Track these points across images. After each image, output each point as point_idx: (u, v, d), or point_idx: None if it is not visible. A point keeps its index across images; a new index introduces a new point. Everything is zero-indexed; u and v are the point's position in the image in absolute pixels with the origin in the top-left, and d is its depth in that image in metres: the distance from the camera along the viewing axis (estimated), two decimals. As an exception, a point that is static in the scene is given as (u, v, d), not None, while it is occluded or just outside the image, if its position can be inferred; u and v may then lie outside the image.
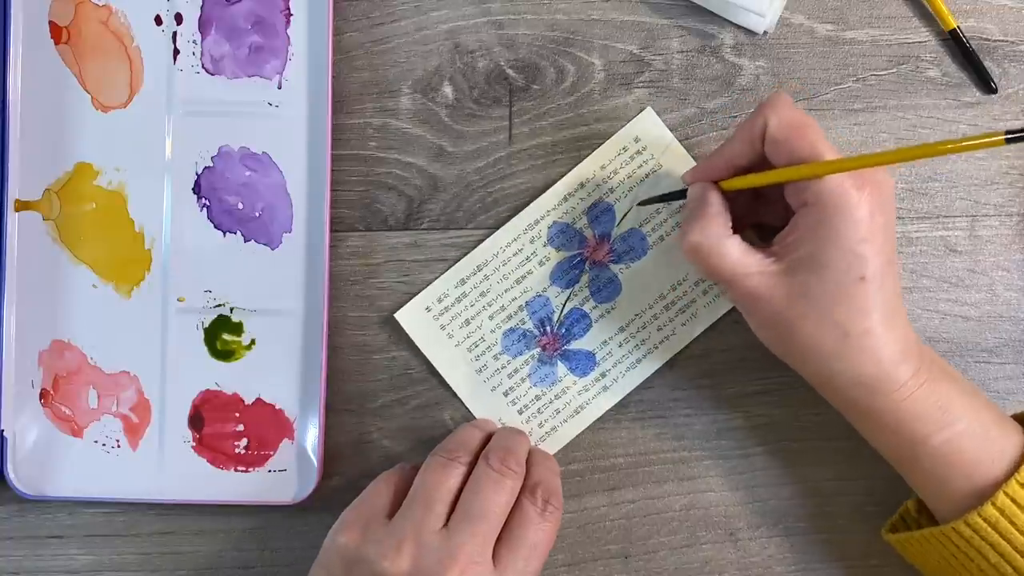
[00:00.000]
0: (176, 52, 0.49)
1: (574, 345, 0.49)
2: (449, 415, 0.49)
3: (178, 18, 0.49)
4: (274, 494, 0.48)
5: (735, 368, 0.49)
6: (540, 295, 0.49)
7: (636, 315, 0.49)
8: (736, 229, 0.44)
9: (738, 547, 0.49)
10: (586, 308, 0.49)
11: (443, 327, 0.49)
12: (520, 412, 0.49)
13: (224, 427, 0.49)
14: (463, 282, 0.49)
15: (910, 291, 0.49)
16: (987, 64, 0.49)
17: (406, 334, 0.49)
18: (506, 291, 0.49)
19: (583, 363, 0.49)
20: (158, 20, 0.49)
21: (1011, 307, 0.49)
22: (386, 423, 0.49)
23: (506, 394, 0.49)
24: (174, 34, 0.49)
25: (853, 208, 0.39)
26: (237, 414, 0.49)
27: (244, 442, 0.49)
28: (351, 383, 0.49)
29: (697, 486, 0.49)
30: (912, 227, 0.49)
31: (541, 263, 0.49)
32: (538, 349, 0.49)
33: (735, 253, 0.41)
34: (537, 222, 0.49)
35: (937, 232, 0.49)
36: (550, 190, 0.49)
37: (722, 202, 0.42)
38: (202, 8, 0.49)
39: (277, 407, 0.49)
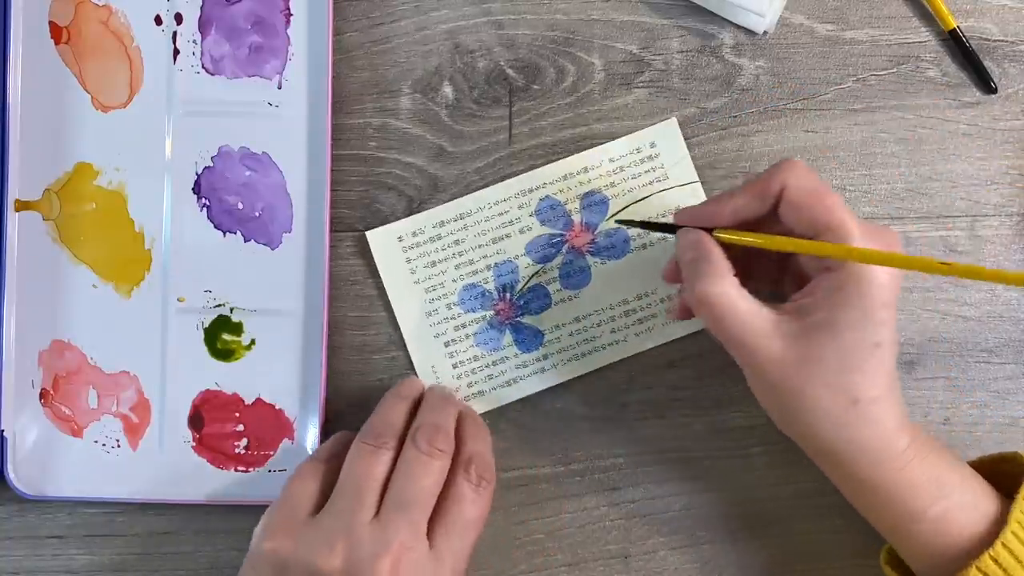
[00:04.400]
0: (176, 52, 0.49)
1: (527, 320, 0.49)
2: (449, 415, 0.49)
3: (178, 18, 0.49)
4: (274, 494, 0.48)
5: (735, 368, 0.49)
6: (511, 261, 0.49)
7: (595, 311, 0.49)
8: None
9: (738, 547, 0.49)
10: (550, 288, 0.49)
11: (409, 260, 0.49)
12: (455, 366, 0.49)
13: (224, 427, 0.49)
14: (441, 224, 0.49)
15: (910, 291, 0.49)
16: (987, 64, 0.49)
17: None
18: (480, 247, 0.49)
19: (529, 340, 0.49)
20: (158, 20, 0.49)
21: (1011, 307, 0.49)
22: (386, 423, 0.49)
23: (447, 344, 0.49)
24: (174, 34, 0.49)
25: (876, 273, 0.38)
26: (237, 414, 0.49)
27: (244, 442, 0.49)
28: (351, 383, 0.49)
29: (697, 486, 0.49)
30: (912, 227, 0.49)
31: (522, 231, 0.49)
32: (491, 312, 0.49)
33: (750, 306, 0.40)
34: (531, 191, 0.49)
35: (937, 232, 0.49)
36: (553, 164, 0.49)
37: (721, 250, 0.41)
38: (202, 8, 0.49)
39: (277, 407, 0.49)
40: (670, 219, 0.48)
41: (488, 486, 0.43)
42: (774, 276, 0.44)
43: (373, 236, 0.49)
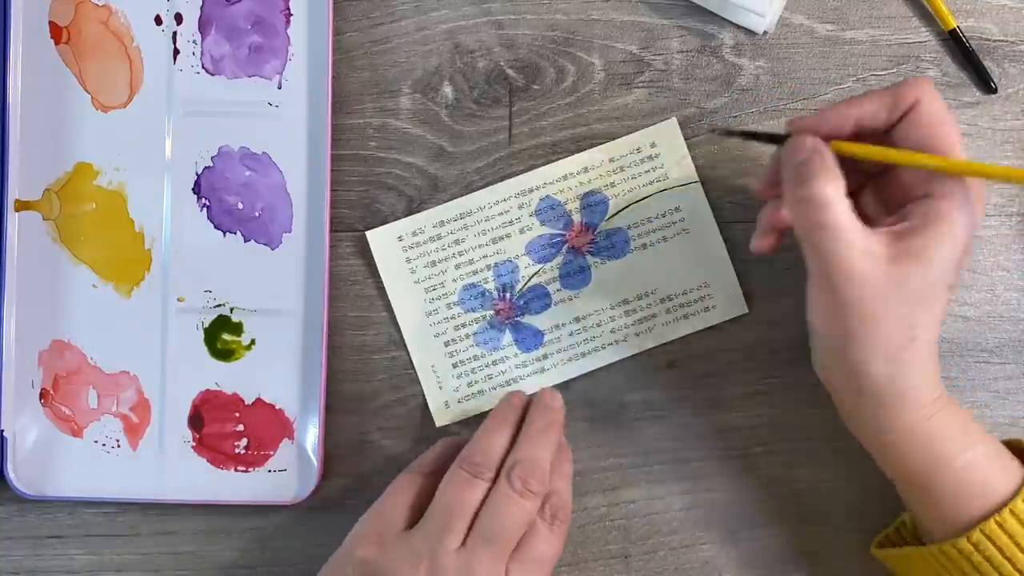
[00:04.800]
0: (176, 52, 0.49)
1: (527, 320, 0.49)
2: (449, 415, 0.49)
3: (178, 18, 0.49)
4: (274, 494, 0.48)
5: (735, 368, 0.49)
6: (511, 261, 0.49)
7: (595, 311, 0.49)
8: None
9: (738, 547, 0.49)
10: (550, 289, 0.49)
11: (408, 260, 0.49)
12: (455, 366, 0.49)
13: (224, 427, 0.49)
14: (442, 224, 0.49)
15: (910, 291, 0.49)
16: (987, 64, 0.49)
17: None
18: (480, 246, 0.49)
19: (529, 340, 0.49)
20: (158, 20, 0.49)
21: (1011, 307, 0.49)
22: (386, 423, 0.49)
23: (447, 344, 0.49)
24: (174, 34, 0.49)
25: (971, 213, 0.39)
26: (237, 414, 0.49)
27: (244, 442, 0.49)
28: (351, 383, 0.49)
29: (697, 486, 0.49)
30: (912, 227, 0.49)
31: (522, 231, 0.49)
32: (491, 312, 0.49)
33: (850, 222, 0.39)
34: (531, 190, 0.49)
35: (937, 232, 0.49)
36: (553, 164, 0.49)
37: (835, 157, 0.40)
38: (202, 8, 0.49)
39: (277, 407, 0.49)
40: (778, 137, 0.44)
41: (561, 525, 0.43)
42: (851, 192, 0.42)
43: (373, 236, 0.49)
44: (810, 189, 0.39)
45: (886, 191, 0.42)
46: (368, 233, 0.49)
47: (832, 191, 0.39)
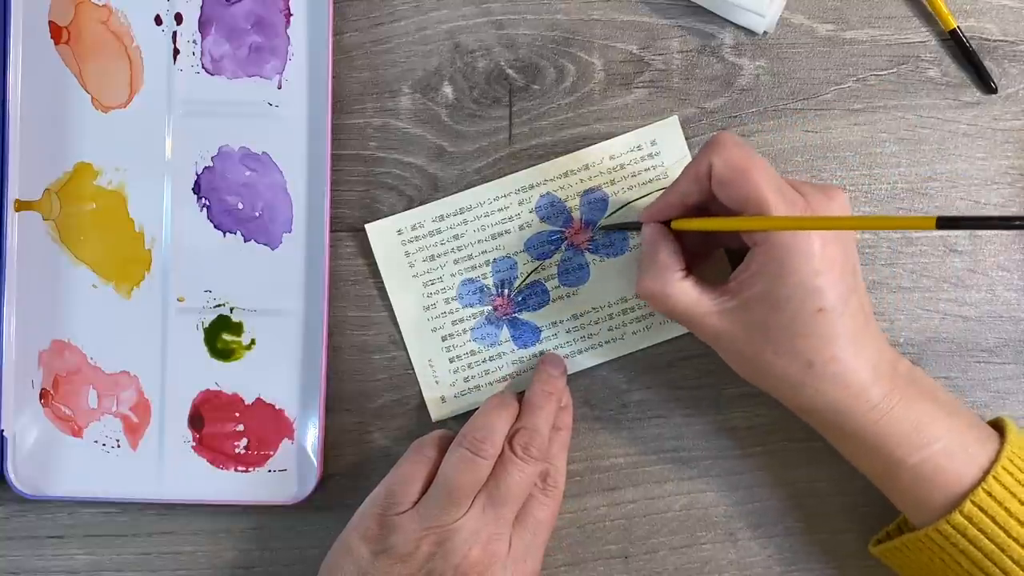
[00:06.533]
0: (176, 52, 0.49)
1: (524, 316, 0.49)
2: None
3: (178, 18, 0.49)
4: (274, 494, 0.48)
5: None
6: (509, 257, 0.49)
7: (593, 308, 0.49)
8: (700, 258, 0.45)
9: (738, 547, 0.49)
10: (548, 285, 0.49)
11: (408, 254, 0.49)
12: (451, 360, 0.49)
13: (224, 427, 0.49)
14: (441, 219, 0.49)
15: (910, 291, 0.49)
16: (987, 64, 0.49)
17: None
18: (479, 241, 0.49)
19: (526, 336, 0.49)
20: (158, 20, 0.49)
21: (1011, 307, 0.49)
22: (386, 423, 0.49)
23: (444, 339, 0.49)
24: (174, 34, 0.49)
25: (803, 243, 0.39)
26: (237, 414, 0.49)
27: (244, 442, 0.49)
28: (351, 383, 0.49)
29: (697, 486, 0.49)
30: (912, 227, 0.49)
31: (521, 227, 0.49)
32: (489, 308, 0.49)
33: (689, 295, 0.42)
34: (531, 187, 0.49)
35: (937, 232, 0.49)
36: (554, 160, 0.49)
37: (672, 244, 0.43)
38: (202, 8, 0.49)
39: (277, 407, 0.49)
40: None
41: (554, 490, 0.45)
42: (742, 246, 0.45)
43: (372, 228, 0.49)
44: (638, 287, 0.43)
45: (741, 240, 0.43)
46: (367, 226, 0.49)
47: (649, 282, 0.43)
